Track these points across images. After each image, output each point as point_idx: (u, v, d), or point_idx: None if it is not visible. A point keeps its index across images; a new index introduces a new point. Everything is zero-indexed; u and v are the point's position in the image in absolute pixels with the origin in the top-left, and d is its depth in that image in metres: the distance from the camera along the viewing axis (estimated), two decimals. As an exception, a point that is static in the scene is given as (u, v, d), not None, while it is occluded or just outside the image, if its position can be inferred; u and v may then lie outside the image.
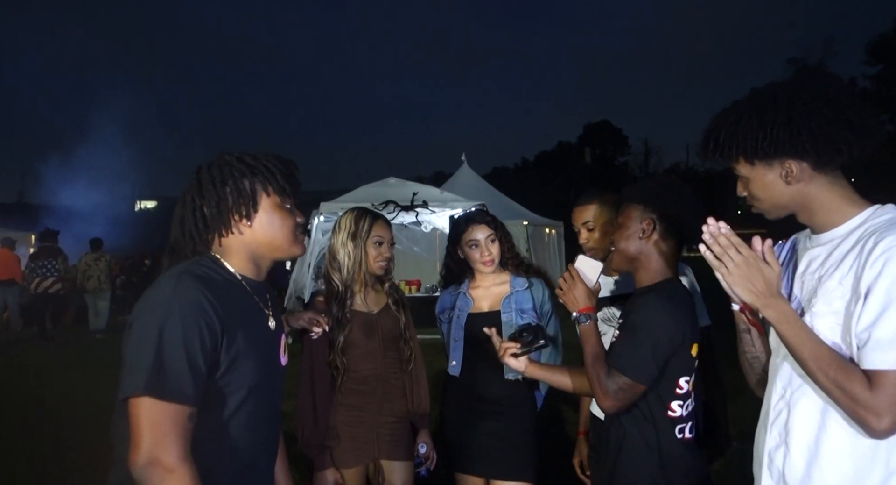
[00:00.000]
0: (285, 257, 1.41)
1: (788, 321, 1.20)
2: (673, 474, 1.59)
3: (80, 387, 5.98)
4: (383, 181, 9.46)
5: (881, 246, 1.12)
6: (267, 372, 1.34)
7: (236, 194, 1.32)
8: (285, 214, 1.37)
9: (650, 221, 1.65)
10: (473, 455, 2.34)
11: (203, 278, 1.24)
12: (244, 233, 1.34)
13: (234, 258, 1.35)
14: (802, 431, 1.25)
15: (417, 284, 10.30)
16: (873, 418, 1.09)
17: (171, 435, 1.12)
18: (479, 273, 2.43)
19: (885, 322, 1.09)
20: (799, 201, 1.26)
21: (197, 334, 1.17)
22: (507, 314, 2.35)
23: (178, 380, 1.14)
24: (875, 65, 31.81)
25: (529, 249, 10.38)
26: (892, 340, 1.08)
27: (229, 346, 1.22)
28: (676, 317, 1.56)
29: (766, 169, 1.25)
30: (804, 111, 1.18)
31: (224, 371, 1.23)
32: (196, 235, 1.34)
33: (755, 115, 1.22)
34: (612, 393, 1.56)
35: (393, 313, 2.34)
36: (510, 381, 2.33)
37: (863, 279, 1.13)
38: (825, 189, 1.24)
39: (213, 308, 1.20)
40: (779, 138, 1.19)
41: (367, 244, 2.28)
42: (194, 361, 1.16)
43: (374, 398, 2.27)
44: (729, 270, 1.24)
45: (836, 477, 1.19)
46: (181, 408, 1.14)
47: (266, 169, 1.35)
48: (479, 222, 2.38)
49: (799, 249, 1.37)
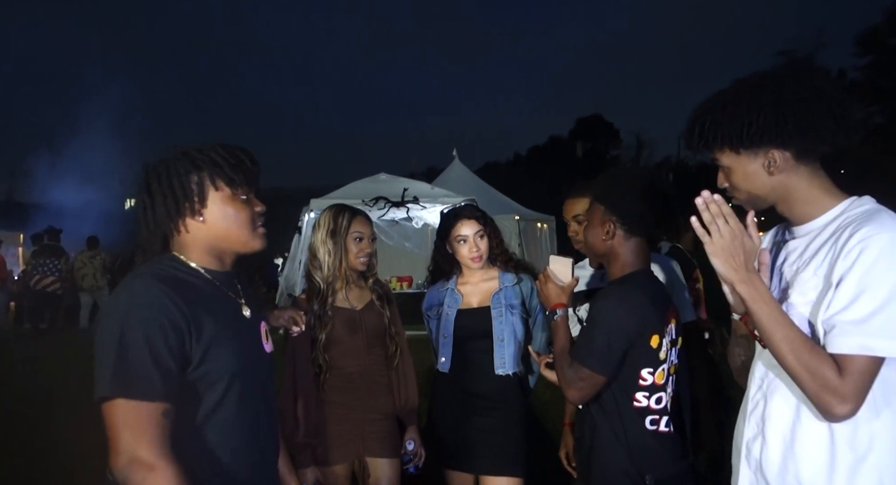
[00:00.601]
0: (245, 251, 1.38)
1: (763, 299, 1.19)
2: (644, 465, 1.61)
3: (73, 383, 5.94)
4: (374, 177, 9.43)
5: (856, 237, 1.13)
6: (249, 359, 1.33)
7: (181, 192, 1.30)
8: (239, 205, 1.34)
9: (610, 224, 1.67)
10: (463, 452, 2.33)
11: (162, 276, 1.25)
12: (198, 229, 1.33)
13: (193, 253, 1.34)
14: (778, 421, 1.27)
15: (409, 280, 10.28)
16: (837, 402, 1.11)
17: (147, 433, 1.13)
18: (466, 269, 2.42)
19: (853, 309, 1.11)
20: (780, 192, 1.27)
21: (159, 331, 1.17)
22: (497, 310, 2.34)
23: (145, 378, 1.15)
24: (864, 56, 31.96)
25: (521, 244, 10.37)
26: (858, 325, 1.10)
27: (198, 337, 1.22)
28: (633, 309, 1.58)
29: (750, 158, 1.26)
30: (790, 100, 1.19)
31: (198, 363, 1.23)
32: (150, 234, 1.33)
33: (741, 104, 1.23)
34: (574, 383, 1.61)
35: (377, 309, 2.33)
36: (500, 376, 2.33)
37: (836, 269, 1.15)
38: (805, 180, 1.25)
39: (174, 303, 1.20)
40: (765, 126, 1.20)
41: (347, 240, 2.27)
42: (159, 358, 1.16)
43: (360, 395, 2.26)
44: (713, 239, 1.22)
45: (810, 466, 1.22)
46: (153, 405, 1.15)
47: (212, 162, 1.32)
48: (468, 218, 2.37)
49: (777, 241, 1.38)
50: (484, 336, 2.34)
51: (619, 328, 1.58)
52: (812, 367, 1.13)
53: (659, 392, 1.64)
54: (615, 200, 1.68)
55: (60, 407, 5.11)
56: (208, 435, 1.26)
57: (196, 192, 1.31)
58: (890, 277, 1.09)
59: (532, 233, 12.22)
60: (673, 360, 1.70)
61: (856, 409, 1.12)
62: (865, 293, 1.10)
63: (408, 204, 8.55)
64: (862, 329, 1.10)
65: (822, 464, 1.20)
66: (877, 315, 1.09)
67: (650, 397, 1.63)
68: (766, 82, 1.23)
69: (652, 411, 1.64)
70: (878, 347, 1.10)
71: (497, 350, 2.33)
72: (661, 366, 1.63)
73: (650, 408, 1.64)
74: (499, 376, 2.33)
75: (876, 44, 30.83)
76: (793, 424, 1.25)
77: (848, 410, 1.11)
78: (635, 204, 1.65)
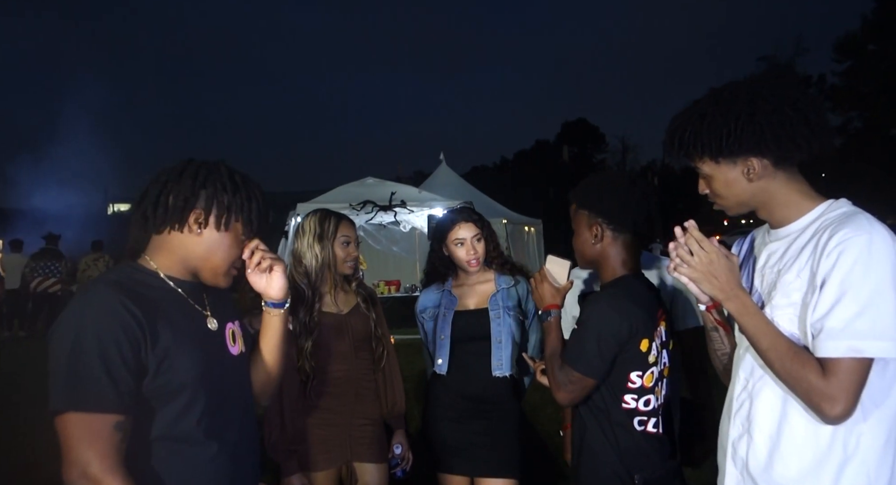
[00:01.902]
0: (208, 280, 1.37)
1: (749, 313, 1.24)
2: (633, 465, 1.63)
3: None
4: (361, 181, 9.40)
5: (835, 239, 1.16)
6: (212, 368, 1.30)
7: (206, 200, 1.31)
8: (235, 244, 1.36)
9: (597, 226, 1.69)
10: (459, 455, 2.33)
11: (118, 283, 1.23)
12: (189, 239, 1.32)
13: (167, 259, 1.33)
14: (764, 420, 1.29)
15: (397, 284, 10.25)
16: (827, 405, 1.13)
17: (97, 446, 1.11)
18: (462, 272, 2.43)
19: (837, 312, 1.13)
20: (760, 198, 1.30)
21: (113, 341, 1.15)
22: (495, 312, 2.35)
23: (97, 389, 1.13)
24: (843, 62, 32.53)
25: (509, 248, 10.40)
26: (844, 328, 1.12)
27: (154, 345, 1.20)
28: (622, 313, 1.59)
29: (729, 167, 1.29)
30: (766, 109, 1.22)
31: (155, 372, 1.20)
32: (150, 215, 1.31)
33: (718, 114, 1.26)
34: (564, 385, 1.63)
35: (363, 312, 2.32)
36: (497, 378, 2.33)
37: (818, 271, 1.17)
38: (784, 185, 1.28)
39: (129, 311, 1.18)
40: (743, 136, 1.23)
41: (335, 245, 2.25)
42: (112, 368, 1.14)
43: (347, 400, 2.24)
44: (693, 266, 1.29)
45: (797, 465, 1.23)
46: (105, 417, 1.13)
47: (247, 197, 1.35)
48: (465, 221, 2.38)
49: (758, 245, 1.41)
50: (482, 338, 2.35)
51: (608, 332, 1.59)
52: (795, 373, 1.17)
53: (647, 395, 1.65)
54: (597, 201, 1.70)
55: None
56: (175, 445, 1.23)
57: (218, 211, 1.32)
58: (869, 278, 1.12)
59: (519, 236, 12.27)
60: (665, 362, 1.71)
61: (848, 409, 1.13)
62: (847, 296, 1.12)
63: (395, 208, 8.54)
64: (848, 332, 1.12)
65: (809, 463, 1.21)
66: (860, 317, 1.11)
67: (639, 400, 1.65)
68: (740, 92, 1.26)
69: (640, 412, 1.65)
70: (865, 348, 1.11)
71: (495, 352, 2.33)
72: (650, 369, 1.64)
73: (638, 410, 1.65)
74: (496, 377, 2.33)
75: (854, 50, 31.42)
76: (779, 423, 1.26)
77: (839, 411, 1.13)
78: (618, 201, 1.67)
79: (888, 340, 1.11)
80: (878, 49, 29.91)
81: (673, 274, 1.34)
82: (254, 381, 1.48)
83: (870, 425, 1.18)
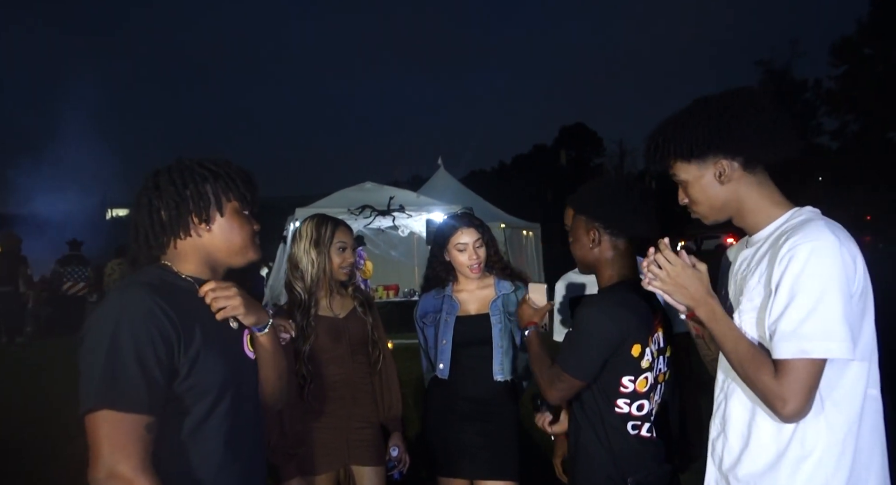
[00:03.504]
0: (241, 263, 1.40)
1: (716, 319, 1.32)
2: (626, 468, 1.65)
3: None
4: (359, 185, 9.40)
5: (787, 245, 1.23)
6: (237, 369, 1.33)
7: (197, 197, 1.32)
8: (244, 220, 1.39)
9: (595, 231, 1.72)
10: (459, 458, 2.33)
11: (151, 285, 1.24)
12: (202, 236, 1.34)
13: (187, 262, 1.35)
14: (737, 420, 1.36)
15: (395, 288, 10.25)
16: (779, 404, 1.20)
17: (129, 446, 1.12)
18: (463, 277, 2.44)
19: (788, 315, 1.21)
20: (733, 204, 1.38)
21: (149, 342, 1.16)
22: (496, 317, 2.36)
23: (132, 389, 1.13)
24: (839, 66, 32.67)
25: (507, 252, 10.41)
26: (794, 331, 1.19)
27: (187, 347, 1.22)
28: (614, 318, 1.61)
29: (701, 169, 1.37)
30: (735, 112, 1.32)
31: (186, 374, 1.22)
32: (152, 238, 1.32)
33: (690, 118, 1.36)
34: (553, 386, 1.69)
35: (360, 316, 2.33)
36: (498, 382, 2.35)
37: (773, 277, 1.25)
38: (754, 190, 1.36)
39: (164, 313, 1.19)
40: (712, 135, 1.32)
41: (331, 251, 2.26)
42: (148, 370, 1.15)
43: (344, 404, 2.25)
44: (663, 279, 1.38)
45: (763, 460, 1.30)
46: (137, 418, 1.13)
47: (227, 175, 1.36)
48: (467, 226, 2.39)
49: (737, 251, 1.48)
50: (483, 343, 2.36)
51: (599, 336, 1.61)
52: (752, 374, 1.24)
53: (641, 400, 1.66)
54: (594, 205, 1.72)
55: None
56: (197, 447, 1.24)
57: (213, 200, 1.34)
58: (815, 282, 1.18)
59: (518, 240, 12.27)
60: (661, 368, 1.72)
61: (799, 408, 1.19)
62: (796, 299, 1.19)
63: (394, 212, 8.55)
64: (797, 334, 1.19)
65: (771, 459, 1.28)
66: (808, 319, 1.18)
67: (631, 404, 1.66)
68: (711, 100, 1.36)
69: (633, 417, 1.67)
70: (812, 349, 1.18)
71: (496, 357, 2.35)
72: (643, 374, 1.65)
73: (632, 414, 1.66)
74: (497, 381, 2.35)
75: (850, 54, 31.56)
76: (749, 422, 1.33)
77: (790, 410, 1.19)
78: (615, 206, 1.69)
79: (834, 342, 1.17)
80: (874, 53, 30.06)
81: (648, 288, 1.42)
82: (262, 385, 1.49)
83: (828, 425, 1.24)
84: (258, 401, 1.45)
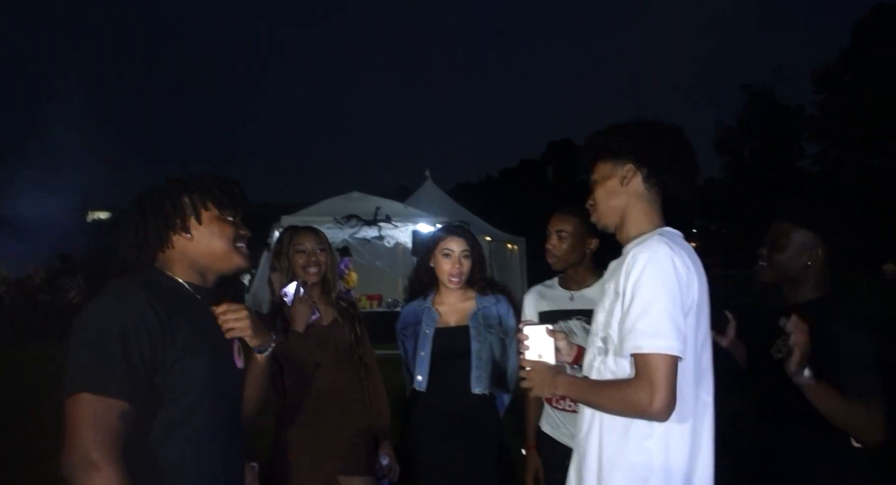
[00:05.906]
0: (227, 268, 1.44)
1: (574, 390, 1.46)
2: None
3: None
4: (346, 195, 9.40)
5: (630, 255, 1.39)
6: (220, 373, 1.36)
7: (172, 210, 1.38)
8: (224, 225, 1.42)
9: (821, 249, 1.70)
10: (439, 472, 2.32)
11: (144, 282, 1.29)
12: (185, 245, 1.39)
13: (177, 268, 1.40)
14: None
15: (378, 298, 10.22)
16: (646, 399, 1.28)
17: (104, 433, 1.14)
18: (444, 288, 2.44)
19: (628, 316, 1.35)
20: (622, 213, 1.51)
21: (134, 332, 1.20)
22: (476, 329, 2.36)
23: (112, 373, 1.17)
24: (820, 92, 33.41)
25: (492, 265, 10.43)
26: (631, 330, 1.34)
27: (173, 341, 1.25)
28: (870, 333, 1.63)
29: (613, 170, 1.51)
30: (657, 133, 1.49)
31: (169, 369, 1.25)
32: (139, 251, 1.38)
33: (624, 127, 1.52)
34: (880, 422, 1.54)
35: (343, 324, 2.34)
36: (476, 395, 2.34)
37: (619, 284, 1.40)
38: (641, 204, 1.49)
39: (153, 307, 1.23)
40: (633, 141, 1.48)
41: (292, 255, 2.33)
42: (130, 358, 1.19)
43: (333, 413, 2.23)
44: (529, 383, 1.52)
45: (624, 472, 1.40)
46: (116, 403, 1.16)
47: (202, 185, 1.41)
48: (458, 235, 2.42)
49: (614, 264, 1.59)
50: (462, 355, 2.35)
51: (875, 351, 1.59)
52: (613, 396, 1.35)
53: None
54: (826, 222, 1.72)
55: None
56: (175, 445, 1.26)
57: (191, 210, 1.40)
58: (647, 286, 1.33)
59: (502, 254, 12.30)
60: None
61: (654, 399, 1.27)
62: (634, 302, 1.34)
63: (380, 222, 8.55)
64: (633, 333, 1.33)
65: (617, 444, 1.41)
66: (641, 319, 1.32)
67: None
68: (640, 121, 1.52)
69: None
70: (643, 345, 1.31)
71: (475, 369, 2.34)
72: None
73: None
74: (475, 394, 2.34)
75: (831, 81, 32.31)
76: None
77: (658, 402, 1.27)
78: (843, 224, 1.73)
79: (660, 339, 1.30)
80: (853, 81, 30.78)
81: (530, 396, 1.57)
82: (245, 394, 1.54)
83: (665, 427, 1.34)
84: (240, 409, 1.48)
